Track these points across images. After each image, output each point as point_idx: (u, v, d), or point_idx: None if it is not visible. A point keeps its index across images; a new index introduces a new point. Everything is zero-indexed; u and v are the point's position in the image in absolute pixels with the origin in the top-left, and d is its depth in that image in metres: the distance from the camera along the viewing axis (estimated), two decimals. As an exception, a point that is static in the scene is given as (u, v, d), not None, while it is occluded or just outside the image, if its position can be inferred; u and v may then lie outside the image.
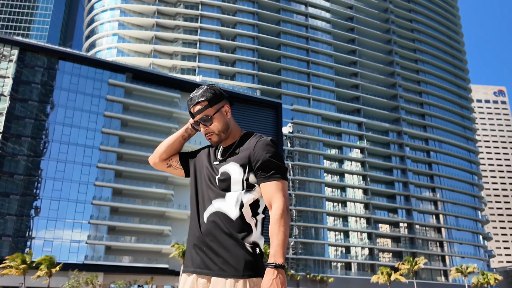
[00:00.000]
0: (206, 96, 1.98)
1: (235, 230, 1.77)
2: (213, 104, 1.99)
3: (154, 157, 2.07)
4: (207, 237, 1.75)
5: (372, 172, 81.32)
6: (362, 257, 74.80)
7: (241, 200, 1.81)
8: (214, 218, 1.79)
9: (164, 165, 2.07)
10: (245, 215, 1.81)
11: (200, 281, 1.71)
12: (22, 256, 44.45)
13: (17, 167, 56.85)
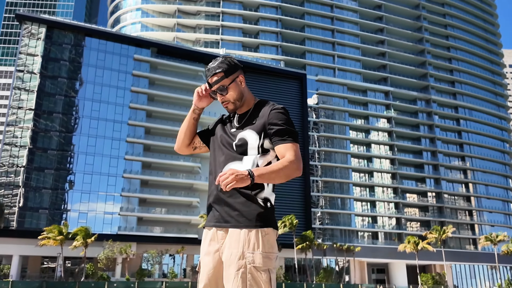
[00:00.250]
0: (222, 68, 2.16)
1: (250, 188, 2.01)
2: (229, 74, 2.18)
3: (179, 147, 2.32)
4: (225, 195, 2.01)
5: (399, 142, 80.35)
6: (389, 227, 74.92)
7: (257, 163, 2.07)
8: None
9: (190, 149, 2.33)
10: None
11: (219, 233, 1.99)
12: (59, 228, 46.61)
13: (50, 143, 58.86)
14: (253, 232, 1.93)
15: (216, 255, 1.97)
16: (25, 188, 55.93)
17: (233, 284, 1.84)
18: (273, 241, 1.98)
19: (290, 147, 2.03)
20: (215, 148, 2.19)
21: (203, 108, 2.27)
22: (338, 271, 66.69)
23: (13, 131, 58.09)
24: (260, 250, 1.90)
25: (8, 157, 57.05)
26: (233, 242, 1.92)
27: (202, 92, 2.21)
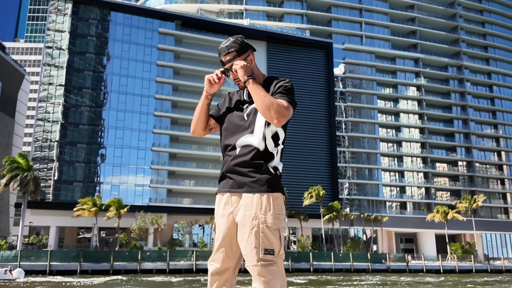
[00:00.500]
0: (234, 47, 2.35)
1: (261, 158, 2.21)
2: (241, 53, 2.34)
3: (195, 130, 2.48)
4: (239, 164, 2.21)
5: (429, 110, 78.54)
6: (418, 197, 74.25)
7: (265, 133, 2.25)
8: (244, 149, 2.22)
9: (207, 131, 2.50)
10: (268, 146, 2.25)
11: (233, 198, 2.20)
12: (92, 200, 48.38)
13: (81, 118, 60.39)
14: (265, 196, 2.14)
15: (230, 217, 2.18)
16: (59, 162, 57.93)
17: (248, 241, 2.07)
18: (282, 204, 2.19)
19: (285, 102, 2.19)
20: (228, 123, 2.35)
21: (215, 93, 2.40)
22: (365, 240, 67.05)
23: (45, 107, 59.79)
24: (271, 212, 2.12)
25: (42, 132, 58.98)
26: (247, 205, 2.13)
27: (214, 80, 2.36)
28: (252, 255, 2.05)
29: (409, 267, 51.98)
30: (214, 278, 2.19)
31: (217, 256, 2.18)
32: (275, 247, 2.08)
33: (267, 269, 2.03)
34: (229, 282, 2.20)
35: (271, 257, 2.05)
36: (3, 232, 72.13)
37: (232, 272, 2.21)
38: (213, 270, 2.19)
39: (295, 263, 47.54)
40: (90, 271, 40.36)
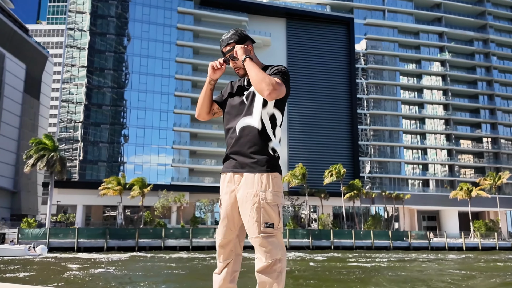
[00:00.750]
0: (234, 38, 2.51)
1: (260, 139, 2.38)
2: (240, 44, 2.51)
3: (200, 114, 2.66)
4: (240, 144, 2.40)
5: (454, 86, 76.74)
6: (441, 174, 73.33)
7: (263, 115, 2.42)
8: (244, 131, 2.39)
9: (211, 115, 2.67)
10: (267, 128, 2.41)
11: (235, 177, 2.39)
12: (117, 179, 49.56)
13: (104, 99, 61.34)
14: (265, 175, 2.32)
15: (233, 194, 2.38)
16: (83, 142, 59.27)
17: (250, 216, 2.27)
18: (280, 183, 2.38)
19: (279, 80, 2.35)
20: (229, 108, 2.53)
21: (217, 79, 2.58)
22: (387, 218, 66.95)
23: (69, 88, 60.89)
24: (271, 190, 2.30)
25: (66, 113, 60.25)
26: (248, 183, 2.32)
27: (217, 66, 2.52)
28: (254, 228, 2.25)
29: (431, 245, 51.83)
30: (221, 250, 2.41)
31: (221, 230, 2.40)
32: (274, 221, 2.27)
33: (267, 240, 2.23)
34: (234, 252, 2.42)
35: (271, 229, 2.25)
36: (32, 211, 74.71)
37: (236, 243, 2.43)
38: (219, 243, 2.41)
39: (316, 240, 47.99)
40: (116, 248, 41.64)
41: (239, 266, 2.47)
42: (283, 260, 2.26)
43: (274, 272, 2.22)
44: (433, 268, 26.14)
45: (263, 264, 2.23)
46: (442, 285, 17.45)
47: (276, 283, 2.22)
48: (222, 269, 2.41)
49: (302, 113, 67.76)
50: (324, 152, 66.50)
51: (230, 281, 2.41)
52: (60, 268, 23.86)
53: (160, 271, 23.35)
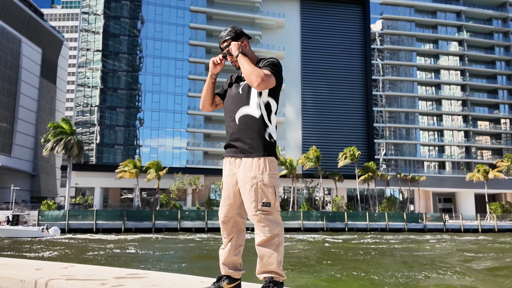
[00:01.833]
0: (230, 35, 2.72)
1: (258, 126, 2.57)
2: (236, 40, 2.72)
3: (204, 106, 2.88)
4: (239, 131, 2.62)
5: (472, 66, 75.31)
6: (458, 156, 72.55)
7: (259, 104, 2.62)
8: (243, 119, 2.60)
9: (214, 107, 2.90)
10: (263, 115, 2.59)
11: (236, 161, 2.61)
12: (133, 162, 50.30)
13: (119, 82, 61.84)
14: (262, 159, 2.54)
15: (234, 176, 2.60)
16: (100, 126, 60.07)
17: (249, 196, 2.49)
18: (276, 166, 2.60)
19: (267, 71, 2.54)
20: (228, 98, 2.75)
21: (218, 73, 2.79)
22: (402, 201, 66.80)
23: (85, 72, 61.49)
24: (267, 172, 2.52)
25: (82, 97, 60.98)
26: (247, 167, 2.53)
27: (217, 61, 2.74)
28: (252, 207, 2.47)
29: (446, 227, 51.70)
30: (224, 226, 2.66)
31: (223, 208, 2.65)
32: (271, 200, 2.48)
33: (265, 217, 2.45)
34: (236, 228, 2.66)
35: (268, 208, 2.46)
36: (51, 193, 76.44)
37: (238, 220, 2.66)
38: (221, 220, 2.66)
39: (330, 222, 48.27)
40: (133, 229, 42.53)
41: (243, 241, 2.70)
42: (280, 235, 2.48)
43: (272, 245, 2.44)
44: (444, 249, 26.21)
45: (262, 238, 2.45)
46: (448, 265, 17.56)
47: (275, 254, 2.43)
48: (227, 244, 2.65)
49: (316, 95, 67.42)
50: (338, 135, 66.28)
51: (234, 254, 2.65)
52: (80, 248, 24.59)
53: (176, 251, 23.91)
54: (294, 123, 66.42)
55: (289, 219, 47.33)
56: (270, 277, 2.45)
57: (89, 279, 3.13)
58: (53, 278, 3.22)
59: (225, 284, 2.59)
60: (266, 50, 66.51)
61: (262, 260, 2.47)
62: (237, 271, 2.66)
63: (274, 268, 2.45)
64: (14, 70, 68.46)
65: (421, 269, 16.21)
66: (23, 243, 28.40)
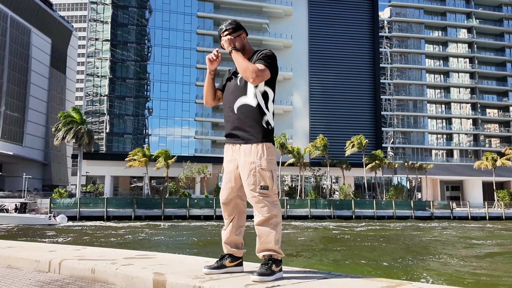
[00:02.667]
0: (230, 27, 2.89)
1: (255, 114, 2.75)
2: (235, 32, 2.91)
3: (207, 102, 3.11)
4: (238, 121, 2.83)
5: (481, 53, 74.58)
6: (466, 144, 72.28)
7: (256, 94, 2.83)
8: (241, 109, 2.77)
9: (216, 101, 3.11)
10: (261, 104, 2.76)
11: (236, 147, 2.84)
12: (142, 151, 50.91)
13: (127, 72, 62.31)
14: (260, 145, 2.75)
15: (235, 162, 2.82)
16: (109, 115, 60.74)
17: (248, 180, 2.68)
18: (273, 151, 2.80)
19: (261, 65, 2.75)
20: (227, 90, 2.96)
21: (215, 69, 2.99)
22: (409, 188, 66.92)
23: (94, 62, 62.00)
24: (265, 157, 2.70)
25: (92, 87, 61.60)
26: (246, 153, 2.72)
27: (213, 57, 2.93)
28: (251, 189, 2.69)
29: (453, 214, 51.86)
30: (224, 207, 2.88)
31: (224, 191, 2.87)
32: (268, 184, 2.69)
33: (263, 199, 2.67)
34: (237, 209, 2.89)
35: (266, 191, 2.68)
36: (62, 182, 77.63)
37: (239, 202, 2.88)
38: (222, 201, 2.87)
39: (337, 210, 48.66)
40: (143, 216, 43.30)
41: (243, 222, 2.93)
42: (278, 216, 2.70)
43: (270, 225, 2.67)
44: (449, 235, 26.51)
45: (260, 218, 2.68)
46: (447, 251, 17.91)
47: (273, 233, 2.65)
48: (228, 225, 2.89)
49: (323, 84, 67.37)
50: (346, 123, 66.31)
51: (236, 234, 2.88)
52: (92, 234, 25.29)
53: (185, 237, 24.49)
54: (302, 112, 66.54)
55: (297, 207, 47.80)
56: (269, 255, 2.62)
57: (100, 259, 3.52)
58: (66, 258, 3.58)
59: (227, 262, 2.77)
60: (273, 38, 66.47)
61: (260, 238, 2.66)
62: (239, 250, 2.85)
63: (272, 246, 2.63)
64: (24, 60, 69.20)
65: (420, 255, 16.60)
66: (36, 230, 29.22)
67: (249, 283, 2.36)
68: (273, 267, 2.57)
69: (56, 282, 3.05)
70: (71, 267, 3.33)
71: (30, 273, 3.47)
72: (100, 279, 3.01)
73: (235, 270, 2.81)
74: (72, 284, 2.95)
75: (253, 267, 2.81)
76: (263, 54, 2.79)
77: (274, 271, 2.56)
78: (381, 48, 71.73)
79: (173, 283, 2.50)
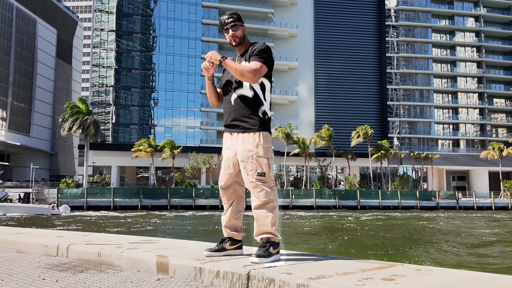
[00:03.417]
0: (236, 14, 3.02)
1: (252, 104, 2.88)
2: (239, 20, 3.03)
3: (212, 104, 3.24)
4: (236, 111, 2.97)
5: (488, 42, 73.83)
6: (473, 134, 71.91)
7: (252, 85, 2.94)
8: (238, 100, 2.90)
9: (221, 101, 3.22)
10: (258, 94, 2.87)
11: (234, 135, 2.97)
12: (148, 141, 51.19)
13: (133, 63, 62.40)
14: (257, 134, 2.87)
15: (233, 149, 2.92)
16: (115, 106, 60.98)
17: (246, 167, 2.80)
18: (269, 140, 2.90)
19: (256, 63, 2.86)
20: (225, 83, 3.09)
21: (213, 75, 3.11)
22: (415, 179, 66.83)
23: (99, 53, 62.11)
24: (262, 145, 2.82)
25: (98, 78, 61.80)
26: (244, 141, 2.84)
27: (208, 66, 3.03)
28: (249, 176, 2.82)
29: (459, 204, 51.81)
30: (223, 192, 3.01)
31: (223, 177, 3.00)
32: (265, 170, 2.82)
33: (260, 185, 2.79)
34: (235, 194, 3.01)
35: (263, 177, 2.80)
36: (69, 172, 78.26)
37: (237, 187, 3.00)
38: (221, 186, 3.00)
39: (342, 200, 48.76)
40: (150, 206, 43.65)
41: (242, 207, 3.06)
42: (275, 201, 2.82)
43: (267, 209, 2.78)
44: (451, 225, 26.56)
45: (258, 203, 2.79)
46: (447, 239, 18.00)
47: (270, 216, 2.77)
48: (228, 209, 3.02)
49: (329, 74, 67.12)
50: (351, 113, 66.14)
51: (235, 218, 3.01)
52: (98, 223, 25.62)
53: (191, 226, 24.76)
54: (307, 102, 66.42)
55: (302, 197, 47.96)
56: (267, 238, 2.73)
57: (106, 244, 3.66)
58: (73, 243, 3.73)
59: (227, 245, 2.90)
60: (278, 27, 66.19)
61: (258, 222, 2.77)
62: (238, 233, 2.97)
63: (269, 229, 2.74)
64: (30, 50, 69.45)
65: (422, 243, 16.70)
66: (42, 220, 29.60)
67: (247, 264, 2.46)
68: (270, 249, 2.68)
69: (64, 265, 3.17)
70: (78, 251, 3.46)
71: (39, 257, 3.60)
72: (106, 262, 3.14)
73: (235, 253, 2.92)
74: (79, 266, 3.08)
75: (252, 251, 2.89)
76: (257, 49, 2.89)
77: (272, 253, 2.67)
78: (387, 37, 71.22)
79: (176, 264, 2.61)
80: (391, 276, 2.02)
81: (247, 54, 2.95)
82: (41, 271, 2.92)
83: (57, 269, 3.00)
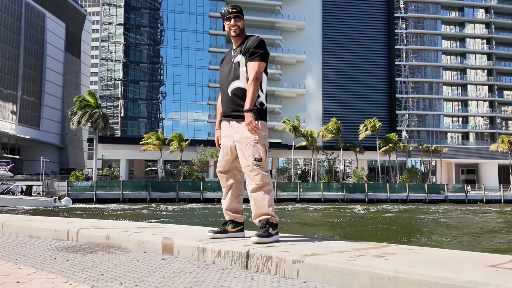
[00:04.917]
0: (238, 7, 3.16)
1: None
2: (241, 14, 3.15)
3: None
4: (233, 102, 3.10)
5: (499, 34, 72.95)
6: (482, 127, 71.28)
7: (246, 75, 3.05)
8: (235, 91, 3.02)
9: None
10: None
11: (232, 123, 3.10)
12: (156, 134, 51.52)
13: (141, 56, 62.62)
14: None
15: (231, 137, 3.07)
16: (124, 99, 61.34)
17: (244, 152, 2.95)
18: (266, 128, 3.04)
19: (253, 67, 2.99)
20: (222, 75, 3.21)
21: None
22: (423, 172, 66.54)
23: (107, 46, 62.41)
24: (260, 133, 2.94)
25: (106, 71, 62.14)
26: (243, 129, 2.96)
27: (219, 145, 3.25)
28: (246, 160, 2.96)
29: (468, 198, 51.55)
30: (222, 176, 3.18)
31: (221, 162, 3.15)
32: (262, 156, 2.96)
33: (256, 169, 2.93)
34: (233, 179, 3.16)
35: (259, 162, 2.95)
36: (79, 165, 79.02)
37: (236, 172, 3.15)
38: (219, 171, 3.16)
39: (350, 193, 48.76)
40: (158, 199, 44.03)
41: (242, 191, 3.19)
42: (269, 184, 2.96)
43: (264, 191, 2.92)
44: (459, 218, 26.52)
45: (254, 186, 2.93)
46: (453, 230, 18.01)
47: (266, 198, 2.90)
48: (227, 193, 3.16)
49: (337, 66, 66.85)
50: (359, 106, 65.90)
51: (236, 201, 3.15)
52: (107, 215, 25.96)
53: (198, 218, 25.01)
54: (315, 95, 66.26)
55: (310, 190, 48.02)
56: (266, 219, 2.85)
57: (115, 228, 3.82)
58: (83, 228, 3.92)
59: (230, 227, 3.03)
60: (286, 20, 65.96)
61: (256, 204, 2.90)
62: (240, 215, 3.11)
63: (266, 210, 2.87)
64: (39, 45, 69.97)
65: (426, 234, 16.75)
66: (50, 212, 30.01)
67: (248, 244, 2.58)
68: (270, 230, 2.80)
69: (74, 247, 3.32)
70: (88, 234, 3.61)
71: (50, 241, 3.75)
72: (114, 245, 3.28)
73: (237, 235, 3.05)
74: (88, 248, 3.22)
75: (254, 234, 3.02)
76: (253, 45, 3.02)
77: (271, 233, 2.79)
78: (396, 29, 70.65)
79: (180, 245, 2.74)
80: (383, 254, 2.13)
81: (242, 46, 3.08)
82: (52, 252, 3.06)
83: (67, 250, 3.14)
